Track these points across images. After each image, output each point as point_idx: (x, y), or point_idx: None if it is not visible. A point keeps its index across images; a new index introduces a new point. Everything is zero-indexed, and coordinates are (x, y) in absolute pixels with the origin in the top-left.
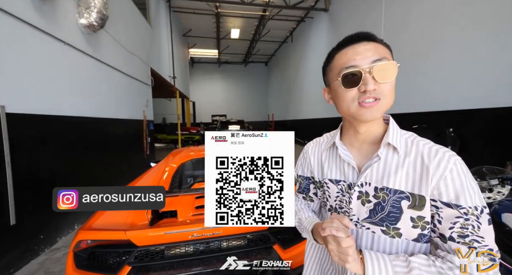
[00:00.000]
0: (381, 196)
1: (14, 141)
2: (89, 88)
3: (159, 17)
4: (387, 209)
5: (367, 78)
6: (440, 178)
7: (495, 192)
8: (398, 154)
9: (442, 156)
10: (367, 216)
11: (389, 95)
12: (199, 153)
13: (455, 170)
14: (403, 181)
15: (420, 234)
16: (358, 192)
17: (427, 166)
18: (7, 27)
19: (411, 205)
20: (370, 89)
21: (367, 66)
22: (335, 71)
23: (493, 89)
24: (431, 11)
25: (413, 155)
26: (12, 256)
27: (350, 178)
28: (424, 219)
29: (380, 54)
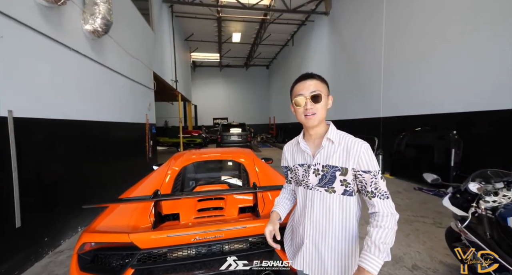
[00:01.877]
0: (325, 170)
1: (20, 144)
2: (93, 93)
3: (162, 22)
4: (328, 177)
5: (307, 102)
6: (358, 157)
7: (501, 196)
8: (333, 144)
9: (358, 145)
10: (317, 183)
11: (320, 111)
12: (201, 156)
13: (365, 152)
14: (337, 160)
15: (344, 190)
16: (313, 169)
17: (349, 151)
18: (15, 34)
19: (341, 173)
20: (308, 107)
21: (308, 94)
22: (294, 95)
23: (497, 92)
24: (432, 13)
25: (342, 145)
26: (17, 258)
27: (308, 161)
28: (347, 181)
29: (316, 88)
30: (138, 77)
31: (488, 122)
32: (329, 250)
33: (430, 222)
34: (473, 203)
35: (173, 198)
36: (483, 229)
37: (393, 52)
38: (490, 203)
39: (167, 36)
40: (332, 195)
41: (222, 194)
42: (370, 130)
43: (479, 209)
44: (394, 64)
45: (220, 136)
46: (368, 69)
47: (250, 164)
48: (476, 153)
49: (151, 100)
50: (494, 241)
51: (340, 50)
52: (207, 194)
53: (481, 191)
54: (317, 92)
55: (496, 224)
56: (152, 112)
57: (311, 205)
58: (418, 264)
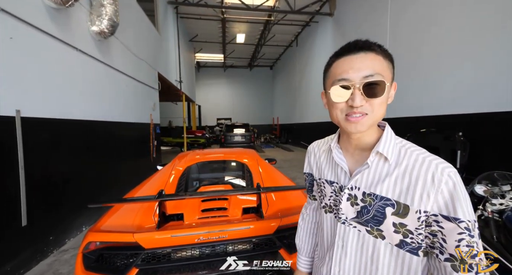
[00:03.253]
0: (368, 201)
1: (27, 144)
2: (99, 93)
3: (167, 23)
4: (372, 213)
5: (355, 94)
6: (436, 191)
7: (508, 198)
8: (389, 163)
9: (439, 169)
10: (355, 216)
11: (376, 111)
12: (204, 156)
13: (452, 183)
14: (390, 188)
15: (402, 240)
16: (348, 194)
17: (417, 177)
18: (24, 35)
19: (395, 212)
20: (356, 105)
21: (358, 81)
22: (330, 79)
23: (505, 92)
24: (439, 13)
25: (404, 165)
26: (23, 257)
27: (342, 181)
28: (406, 227)
29: (374, 69)
30: (143, 77)
31: (495, 124)
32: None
33: None
34: (479, 206)
35: (177, 198)
36: (489, 232)
37: (397, 53)
38: (497, 206)
39: (172, 37)
40: (378, 241)
41: (226, 195)
42: None
43: (486, 212)
44: (399, 65)
45: (224, 136)
46: None
47: (254, 164)
48: (483, 154)
49: (156, 100)
50: (501, 244)
51: None
52: (211, 194)
53: (488, 193)
54: (377, 78)
55: (503, 227)
56: (156, 112)
57: (342, 247)
58: None
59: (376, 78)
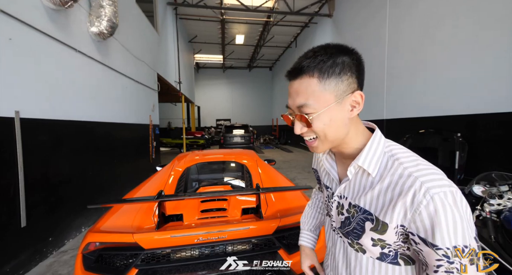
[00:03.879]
0: (352, 212)
1: (26, 145)
2: (98, 94)
3: (166, 24)
4: (353, 225)
5: (295, 123)
6: (414, 212)
7: (505, 199)
8: (370, 177)
9: (419, 188)
10: (340, 226)
11: (324, 132)
12: (204, 157)
13: (432, 207)
14: (373, 202)
15: (381, 253)
16: (337, 202)
17: (398, 195)
18: (23, 36)
19: (374, 228)
20: (297, 133)
21: (295, 110)
22: None
23: (503, 93)
24: (437, 14)
25: (388, 180)
26: (22, 257)
27: (333, 187)
28: (385, 241)
29: (306, 98)
30: (142, 78)
31: (494, 125)
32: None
33: None
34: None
35: (177, 198)
36: (487, 232)
37: (396, 54)
38: (494, 206)
39: (171, 38)
40: (359, 255)
41: (225, 195)
42: None
43: (484, 212)
44: (398, 66)
45: (223, 137)
46: (371, 70)
47: (253, 165)
48: (481, 155)
49: (155, 101)
50: (499, 244)
51: None
52: (210, 195)
53: (486, 194)
54: (307, 110)
55: (501, 227)
56: (155, 113)
57: (333, 253)
58: None
59: (306, 111)
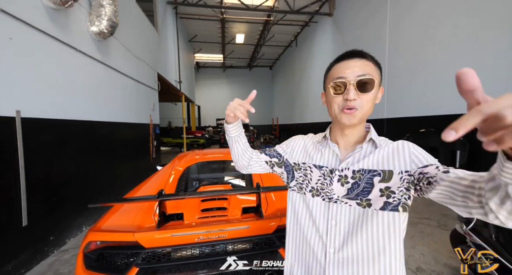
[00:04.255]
0: (358, 177)
1: (28, 144)
2: (98, 93)
3: (166, 23)
4: (362, 185)
5: (350, 89)
6: (409, 155)
7: None
8: (376, 148)
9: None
10: (345, 194)
11: (365, 106)
12: (204, 157)
13: (417, 147)
14: (375, 162)
15: (385, 202)
16: (338, 175)
17: (394, 152)
18: (23, 35)
19: (381, 179)
20: (350, 98)
21: (353, 78)
22: (329, 79)
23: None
24: (437, 14)
25: (384, 148)
26: (24, 256)
27: (332, 164)
28: (390, 189)
29: (365, 71)
30: (143, 78)
31: None
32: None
33: (435, 225)
34: None
35: (177, 197)
36: (488, 231)
37: (397, 53)
38: None
39: (171, 37)
40: (365, 210)
41: (225, 194)
42: None
43: None
44: (398, 65)
45: (223, 137)
46: None
47: None
48: (482, 154)
49: (155, 101)
50: (499, 243)
51: (343, 51)
52: (210, 194)
53: None
54: (368, 77)
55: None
56: (156, 113)
57: (335, 225)
58: (422, 267)
59: (367, 77)
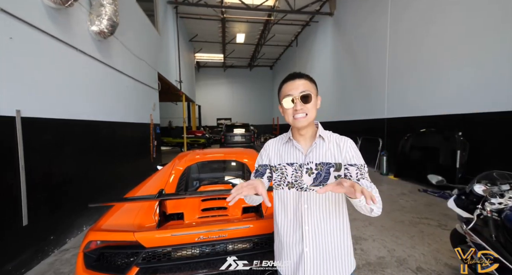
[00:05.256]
0: (319, 168)
1: (28, 144)
2: (99, 93)
3: (167, 23)
4: (323, 175)
5: (296, 102)
6: (345, 152)
7: (507, 198)
8: (324, 141)
9: (345, 140)
10: (312, 182)
11: (310, 112)
12: (204, 156)
13: (351, 146)
14: (330, 156)
15: None
16: (306, 168)
17: (339, 146)
18: (23, 35)
19: (335, 169)
20: (297, 108)
21: (297, 94)
22: (282, 96)
23: (504, 92)
24: (439, 13)
25: (332, 141)
26: (24, 256)
27: (300, 160)
28: (341, 176)
29: (305, 88)
30: (143, 77)
31: (495, 124)
32: (331, 251)
33: (435, 224)
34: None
35: (178, 197)
36: (488, 231)
37: (398, 52)
38: (496, 205)
39: (172, 37)
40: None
41: (225, 194)
42: (375, 131)
43: (485, 211)
44: (399, 65)
45: (224, 136)
46: (372, 69)
47: (254, 164)
48: (482, 154)
49: (156, 100)
50: (500, 243)
51: (344, 50)
52: (211, 194)
53: (487, 193)
54: (307, 92)
55: (502, 226)
56: (156, 112)
57: (308, 208)
58: (422, 266)
59: (306, 92)
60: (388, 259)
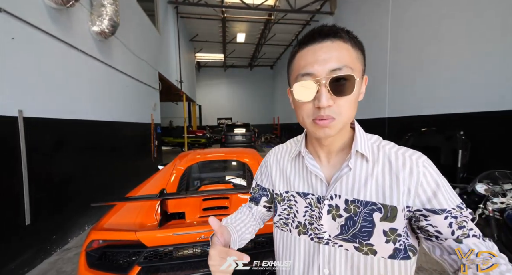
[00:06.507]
0: (352, 209)
1: (30, 144)
2: (100, 93)
3: (167, 23)
4: (359, 223)
5: (322, 92)
6: (416, 185)
7: (509, 197)
8: (367, 162)
9: (411, 161)
10: (339, 232)
11: (345, 113)
12: (205, 156)
13: (428, 173)
14: (373, 191)
15: (395, 249)
16: (328, 205)
17: (396, 174)
18: (25, 35)
19: (383, 217)
20: (323, 105)
21: (324, 76)
22: (293, 74)
23: (507, 91)
24: (441, 12)
25: (381, 162)
26: (27, 255)
27: (318, 191)
28: (396, 232)
29: (342, 61)
30: (144, 77)
31: (497, 123)
32: None
33: None
34: (480, 205)
35: (179, 197)
36: (490, 230)
37: (398, 51)
38: (497, 205)
39: (172, 37)
40: (369, 258)
41: (227, 194)
42: (375, 131)
43: (487, 211)
44: (400, 64)
45: (224, 136)
46: (373, 68)
47: (255, 164)
48: (484, 154)
49: (156, 100)
50: (502, 242)
51: None
52: (212, 193)
53: (489, 192)
54: (346, 73)
55: (503, 226)
56: (157, 112)
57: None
58: (424, 266)
59: (344, 72)
60: None
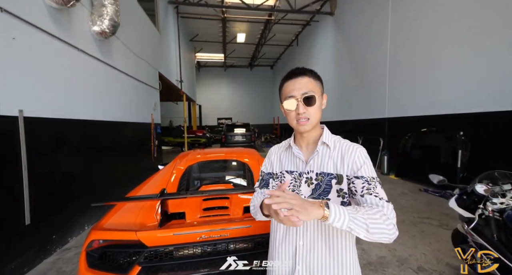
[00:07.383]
0: (320, 179)
1: (30, 144)
2: (100, 93)
3: (167, 23)
4: (323, 187)
5: (299, 105)
6: (352, 162)
7: (508, 197)
8: (329, 149)
9: (353, 148)
10: (311, 193)
11: (314, 115)
12: (205, 156)
13: (360, 155)
14: (331, 166)
15: (341, 202)
16: (305, 177)
17: (343, 156)
18: (26, 35)
19: (337, 182)
20: (300, 112)
21: (299, 96)
22: (283, 96)
23: (506, 92)
24: (439, 13)
25: (337, 149)
26: (27, 255)
27: (300, 168)
28: (343, 190)
29: (308, 88)
30: (144, 77)
31: (496, 123)
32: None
33: (436, 224)
34: (480, 205)
35: (179, 197)
36: (490, 231)
37: (399, 52)
38: (497, 205)
39: (173, 36)
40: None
41: (227, 194)
42: (376, 131)
43: (486, 211)
44: (400, 64)
45: (224, 136)
46: (373, 69)
47: (255, 164)
48: (484, 154)
49: (157, 100)
50: (501, 243)
51: (345, 50)
52: (212, 193)
53: (488, 192)
54: (310, 94)
55: (503, 226)
56: (157, 112)
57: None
58: (423, 266)
59: (310, 94)
60: (389, 259)
